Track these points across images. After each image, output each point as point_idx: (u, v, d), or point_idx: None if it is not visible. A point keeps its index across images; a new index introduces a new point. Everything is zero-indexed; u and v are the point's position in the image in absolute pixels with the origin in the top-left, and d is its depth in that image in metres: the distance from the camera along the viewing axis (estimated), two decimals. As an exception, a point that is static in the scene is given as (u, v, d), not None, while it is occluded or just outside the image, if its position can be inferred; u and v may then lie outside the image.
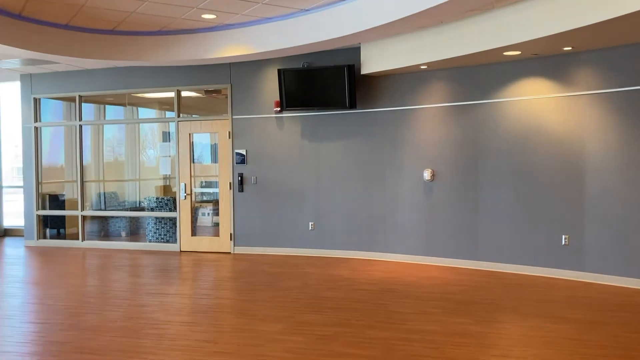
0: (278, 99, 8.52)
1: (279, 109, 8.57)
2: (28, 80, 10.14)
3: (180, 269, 7.83)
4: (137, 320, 5.17)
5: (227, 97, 9.01)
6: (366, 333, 4.73)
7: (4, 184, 11.72)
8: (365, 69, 7.94)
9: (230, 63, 8.87)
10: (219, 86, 9.06)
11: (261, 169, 8.85)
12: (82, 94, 9.83)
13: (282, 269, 7.58)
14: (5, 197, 11.82)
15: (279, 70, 8.35)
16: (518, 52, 6.67)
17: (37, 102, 10.17)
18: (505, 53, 6.70)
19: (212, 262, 8.34)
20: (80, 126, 9.97)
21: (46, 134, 10.27)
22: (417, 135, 7.94)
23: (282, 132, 8.73)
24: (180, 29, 8.02)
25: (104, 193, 10.44)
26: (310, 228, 8.60)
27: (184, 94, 9.34)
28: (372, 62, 7.84)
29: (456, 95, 7.62)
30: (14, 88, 10.80)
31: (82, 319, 5.24)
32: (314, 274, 7.22)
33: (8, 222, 11.77)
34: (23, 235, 10.58)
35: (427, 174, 7.81)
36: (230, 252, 9.00)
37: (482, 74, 7.39)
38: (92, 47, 8.10)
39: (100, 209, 10.17)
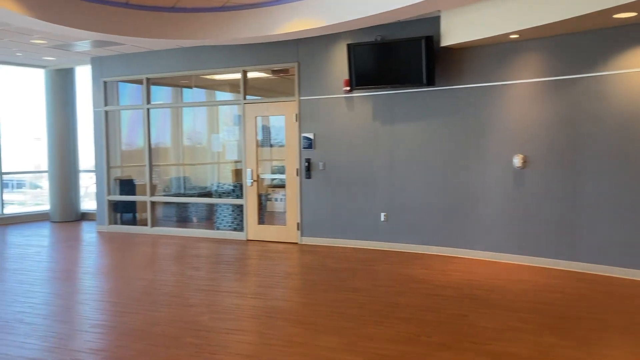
0: (347, 77, 7.75)
1: (348, 88, 7.81)
2: (98, 64, 9.99)
3: (241, 261, 7.34)
4: (180, 324, 4.67)
5: (294, 77, 8.36)
6: (439, 356, 3.94)
7: (81, 168, 11.79)
8: (446, 41, 6.99)
9: (297, 39, 8.20)
10: (286, 65, 8.42)
11: (330, 154, 8.15)
12: (149, 76, 9.53)
13: (349, 265, 6.88)
14: (83, 181, 11.91)
15: (348, 46, 7.57)
16: (633, 14, 5.49)
17: (106, 85, 10.00)
18: (615, 16, 5.55)
19: (276, 253, 7.78)
20: (148, 109, 9.70)
21: (125, 117, 10.05)
22: (506, 115, 6.92)
23: (352, 113, 7.97)
24: (244, 3, 7.44)
25: (179, 178, 10.17)
26: (382, 219, 7.83)
27: (250, 74, 8.78)
28: (454, 32, 6.88)
29: (552, 69, 6.52)
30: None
31: (123, 319, 4.82)
32: (383, 273, 6.46)
33: (88, 206, 11.87)
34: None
35: (517, 160, 6.80)
36: (297, 243, 8.41)
37: (584, 43, 6.25)
38: (153, 25, 7.71)
39: (172, 194, 9.90)
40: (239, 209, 8.96)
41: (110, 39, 7.96)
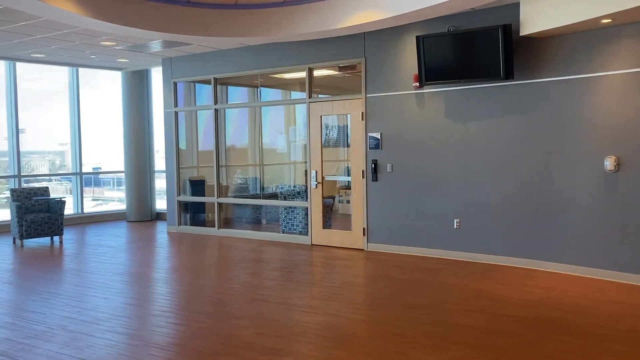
0: (417, 72, 7.18)
1: (417, 84, 7.23)
2: (168, 64, 10.01)
3: (300, 268, 6.97)
4: (220, 339, 4.35)
5: (360, 74, 7.89)
6: (500, 394, 3.35)
7: (157, 168, 11.94)
8: (526, 29, 6.26)
9: (364, 33, 7.72)
10: (352, 61, 7.96)
11: (398, 154, 7.61)
12: (217, 76, 9.40)
13: (415, 276, 6.33)
14: (158, 182, 12.06)
15: (417, 38, 7.00)
16: None
17: (176, 85, 10.00)
18: None
19: (339, 261, 7.35)
20: (216, 110, 9.58)
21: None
22: (596, 112, 6.08)
23: (422, 111, 7.38)
24: (305, -5, 7.07)
25: (248, 179, 9.98)
26: (454, 226, 7.19)
27: (316, 72, 8.40)
28: (535, 19, 6.14)
29: (654, 57, 5.64)
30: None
31: (165, 331, 4.57)
32: (452, 287, 5.85)
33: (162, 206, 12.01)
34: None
35: (609, 163, 5.96)
36: (362, 249, 7.94)
37: (695, 25, 5.33)
38: (215, 24, 7.51)
39: (240, 196, 9.73)
40: (305, 211, 8.62)
41: (174, 38, 7.85)
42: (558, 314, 4.86)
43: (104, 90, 12.21)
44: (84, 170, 11.68)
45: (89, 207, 12.11)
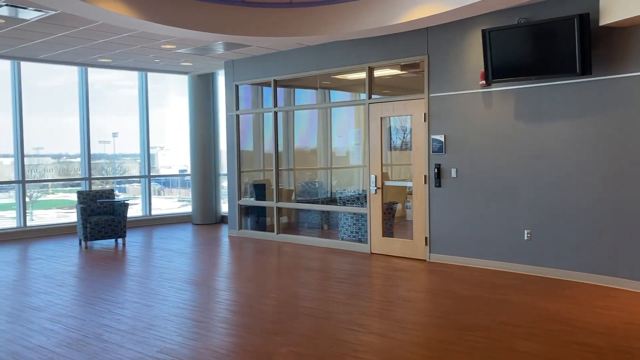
0: (483, 69, 6.60)
1: (484, 82, 6.65)
2: (231, 67, 9.92)
3: (354, 279, 6.57)
4: (252, 356, 4.05)
5: (423, 72, 7.39)
6: None
7: (221, 172, 11.93)
8: (606, 18, 5.56)
9: (426, 29, 7.24)
10: (414, 59, 7.48)
11: (463, 159, 7.05)
12: (277, 77, 9.19)
13: (479, 292, 5.77)
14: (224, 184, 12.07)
15: (483, 32, 6.44)
16: None
17: (237, 88, 9.89)
18: None
19: (397, 272, 6.89)
20: (276, 113, 9.37)
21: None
22: (692, 110, 5.28)
23: (490, 111, 6.79)
24: (360, -10, 6.69)
25: (308, 183, 9.71)
26: (525, 237, 6.54)
27: (376, 72, 7.98)
28: (617, 6, 5.43)
29: None
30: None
31: (200, 345, 4.33)
32: (517, 306, 5.26)
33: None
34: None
35: None
36: (424, 260, 7.43)
37: None
38: (272, 24, 7.29)
39: (301, 200, 9.47)
40: (364, 218, 8.21)
41: (230, 39, 7.71)
42: (637, 344, 4.18)
43: (172, 93, 12.39)
44: (166, 173, 11.94)
45: (175, 207, 12.32)
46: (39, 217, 10.95)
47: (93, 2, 5.68)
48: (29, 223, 10.19)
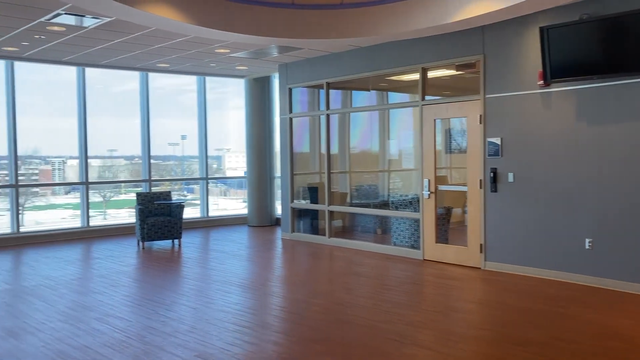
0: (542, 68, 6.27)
1: (542, 82, 6.31)
2: (284, 70, 9.93)
3: (403, 287, 6.38)
4: (288, 365, 3.98)
5: (478, 72, 7.11)
6: None
7: (276, 174, 11.98)
8: (678, 11, 5.13)
9: (482, 27, 6.95)
10: (470, 58, 7.21)
11: (520, 163, 6.72)
12: (329, 80, 9.11)
13: (534, 304, 5.45)
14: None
15: (541, 30, 6.11)
16: None
17: (291, 91, 9.89)
18: None
19: (449, 280, 6.64)
20: (328, 115, 9.29)
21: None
22: None
23: (549, 113, 6.43)
24: (410, -11, 6.50)
25: (362, 186, 9.55)
26: (587, 246, 6.14)
27: (430, 73, 7.75)
28: (690, -3, 5.00)
29: None
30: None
31: (239, 351, 4.29)
32: (575, 320, 4.92)
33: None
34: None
35: None
36: (479, 268, 7.13)
37: None
38: (322, 25, 7.22)
39: (354, 204, 9.33)
40: (417, 223, 7.99)
41: (282, 42, 7.69)
42: None
43: (238, 97, 12.58)
44: (232, 175, 12.23)
45: (240, 208, 12.50)
46: (112, 217, 11.41)
47: (143, 7, 5.79)
48: (97, 223, 10.58)
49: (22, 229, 9.82)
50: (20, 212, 9.87)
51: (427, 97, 7.76)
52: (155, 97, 11.21)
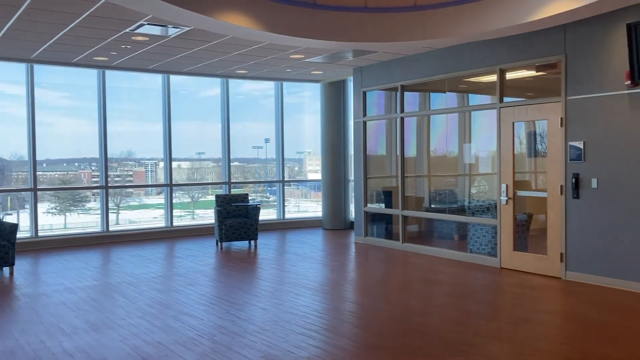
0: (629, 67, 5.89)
1: (630, 82, 5.93)
2: (359, 74, 9.93)
3: (477, 296, 6.19)
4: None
5: (560, 73, 6.78)
6: None
7: (351, 178, 11.99)
8: None
9: (564, 25, 6.63)
10: (550, 58, 6.89)
11: (605, 168, 6.34)
12: (404, 83, 9.01)
13: (615, 318, 5.13)
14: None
15: (628, 26, 5.74)
16: None
17: (365, 95, 9.87)
18: None
19: (527, 290, 6.36)
20: (402, 118, 9.19)
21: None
22: None
23: (637, 114, 6.03)
24: (485, -11, 6.31)
25: (437, 191, 9.36)
26: (680, 259, 5.70)
27: (508, 75, 7.49)
28: None
29: None
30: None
31: (304, 354, 4.33)
32: (662, 338, 4.58)
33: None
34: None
35: None
36: (559, 278, 6.79)
37: None
38: (396, 28, 7.16)
39: (431, 209, 9.15)
40: (494, 230, 7.72)
41: (356, 47, 7.71)
42: None
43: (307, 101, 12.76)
44: (313, 178, 12.49)
45: (318, 211, 12.64)
46: (199, 216, 11.92)
47: (218, 16, 5.98)
48: (181, 223, 11.05)
49: (111, 228, 10.41)
50: (110, 212, 10.47)
51: (505, 99, 7.49)
52: (238, 102, 11.58)
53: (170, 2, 5.50)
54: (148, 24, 6.73)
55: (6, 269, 7.55)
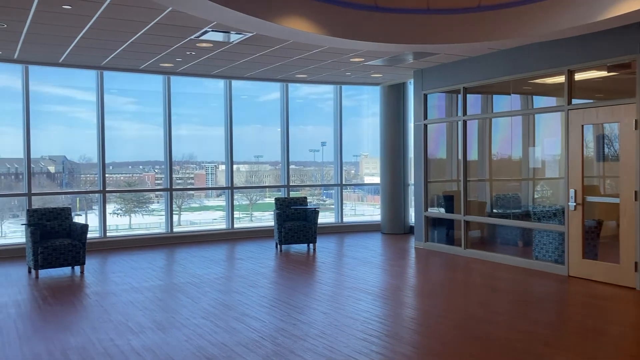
0: None
1: None
2: (420, 76, 9.81)
3: (543, 305, 5.97)
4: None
5: (634, 73, 6.46)
6: None
7: (410, 181, 11.85)
8: None
9: (638, 23, 6.31)
10: (623, 58, 6.59)
11: (684, 173, 5.99)
12: (466, 85, 8.84)
13: (697, 333, 4.83)
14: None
15: None
16: None
17: (426, 97, 9.73)
18: None
19: (598, 300, 6.09)
20: (465, 121, 9.01)
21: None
22: None
23: None
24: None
25: (500, 196, 9.10)
26: None
27: (577, 76, 7.20)
28: None
29: None
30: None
31: (369, 358, 4.30)
32: None
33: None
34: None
35: None
36: (633, 288, 6.46)
37: None
38: (459, 29, 7.05)
39: (494, 214, 8.91)
40: (561, 237, 7.44)
41: (418, 49, 7.64)
42: None
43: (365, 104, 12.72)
44: (368, 181, 12.51)
45: (375, 215, 12.62)
46: (257, 219, 12.11)
47: (280, 22, 6.04)
48: (240, 225, 11.25)
49: (175, 229, 10.70)
50: (174, 213, 10.77)
51: (573, 101, 7.21)
52: (295, 106, 11.69)
53: (235, 8, 5.60)
54: (212, 30, 6.88)
55: (77, 268, 7.88)
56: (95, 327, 5.20)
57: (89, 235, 8.42)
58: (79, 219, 10.26)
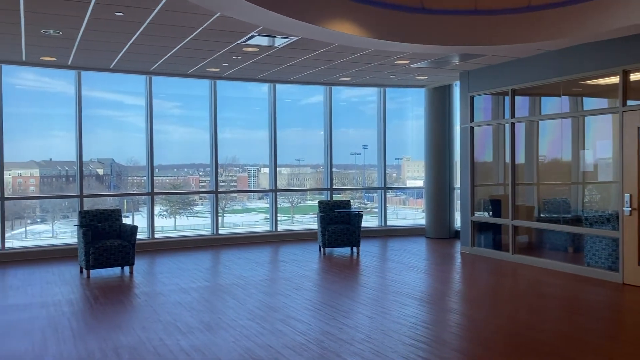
0: None
1: None
2: (466, 78, 9.66)
3: (595, 313, 5.77)
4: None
5: (694, 72, 6.20)
6: None
7: (455, 185, 11.69)
8: None
9: (700, 21, 6.05)
10: (683, 57, 6.33)
11: None
12: (515, 87, 8.65)
13: None
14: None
15: None
16: None
17: (472, 100, 9.58)
18: None
19: (654, 309, 5.86)
20: (513, 124, 8.82)
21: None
22: None
23: None
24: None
25: (551, 200, 8.86)
26: None
27: (633, 76, 6.96)
28: None
29: None
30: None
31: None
32: None
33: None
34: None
35: None
36: (693, 298, 6.19)
37: None
38: (507, 30, 6.92)
39: (540, 220, 8.69)
40: (615, 243, 7.19)
41: (465, 50, 7.53)
42: None
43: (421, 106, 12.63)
44: (411, 184, 12.42)
45: (418, 218, 12.53)
46: (298, 221, 12.20)
47: (326, 25, 6.05)
48: (284, 227, 11.32)
49: (220, 231, 10.85)
50: (220, 215, 10.92)
51: (628, 102, 6.97)
52: (338, 109, 11.70)
53: (282, 13, 5.64)
54: (258, 35, 6.95)
55: (126, 269, 8.08)
56: (145, 326, 5.31)
57: (138, 236, 8.60)
58: (126, 221, 10.52)
